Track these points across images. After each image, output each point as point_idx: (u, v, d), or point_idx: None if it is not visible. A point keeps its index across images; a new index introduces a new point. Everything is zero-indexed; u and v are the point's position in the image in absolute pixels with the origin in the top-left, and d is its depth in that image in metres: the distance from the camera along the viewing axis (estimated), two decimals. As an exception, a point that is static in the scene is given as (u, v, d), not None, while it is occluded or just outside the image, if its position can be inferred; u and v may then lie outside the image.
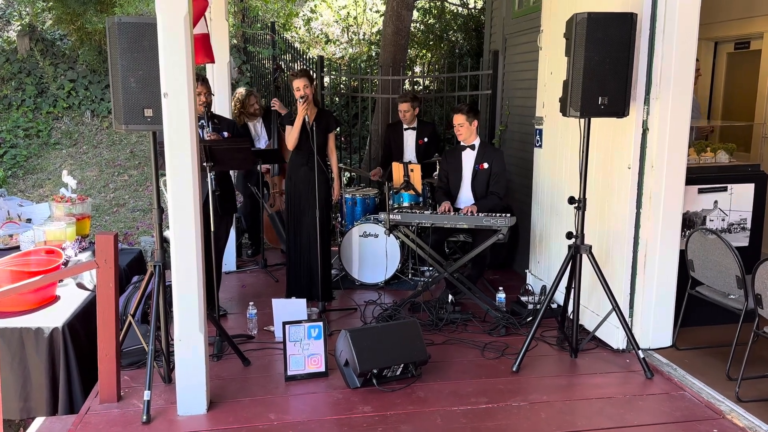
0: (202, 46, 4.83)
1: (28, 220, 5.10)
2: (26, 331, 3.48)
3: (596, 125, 3.86)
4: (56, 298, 3.92)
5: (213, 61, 5.05)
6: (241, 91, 6.04)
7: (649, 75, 3.71)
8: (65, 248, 4.33)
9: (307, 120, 4.52)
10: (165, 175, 3.06)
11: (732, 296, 3.64)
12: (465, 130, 4.75)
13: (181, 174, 3.02)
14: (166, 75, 2.93)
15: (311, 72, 5.23)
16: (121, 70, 3.00)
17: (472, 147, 4.81)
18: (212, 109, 4.52)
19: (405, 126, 5.95)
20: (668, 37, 3.65)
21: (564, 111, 3.62)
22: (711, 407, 3.28)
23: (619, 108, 3.53)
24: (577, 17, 3.44)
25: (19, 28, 10.06)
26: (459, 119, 4.73)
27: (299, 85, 4.50)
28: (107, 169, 8.98)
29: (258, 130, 6.09)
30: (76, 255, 4.38)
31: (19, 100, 9.49)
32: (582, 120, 3.63)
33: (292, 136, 4.58)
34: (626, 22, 3.45)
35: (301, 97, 4.47)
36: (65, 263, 4.19)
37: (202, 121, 4.26)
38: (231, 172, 4.91)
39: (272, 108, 5.95)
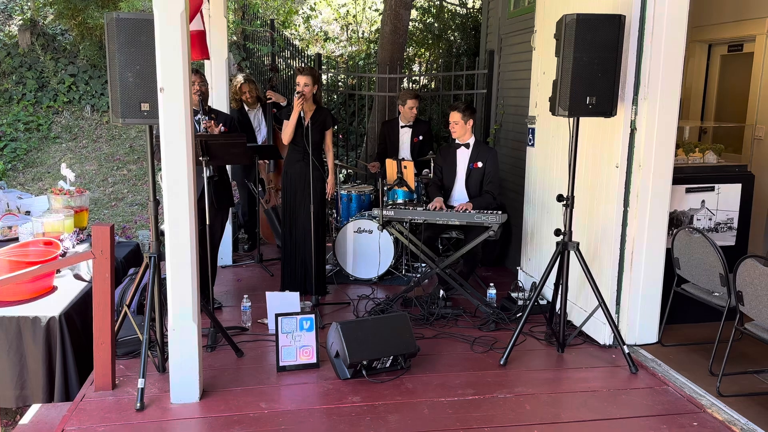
0: (198, 43, 4.89)
1: (27, 212, 5.17)
2: (24, 320, 3.55)
3: (586, 125, 3.94)
4: (53, 289, 3.99)
5: (208, 58, 5.10)
6: (240, 78, 6.13)
7: (637, 76, 3.78)
8: (63, 240, 4.40)
9: (302, 116, 4.58)
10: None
11: (716, 294, 3.71)
12: (459, 128, 4.81)
13: (176, 167, 3.08)
14: (163, 70, 3.00)
15: (317, 72, 5.25)
16: (118, 64, 3.07)
17: (467, 146, 4.88)
18: (209, 103, 4.57)
19: (402, 124, 6.02)
20: (656, 38, 3.72)
21: (553, 110, 3.69)
22: (693, 401, 3.36)
23: (606, 108, 3.60)
24: (567, 18, 3.51)
25: (21, 22, 10.12)
26: (454, 117, 4.80)
27: (299, 81, 4.57)
28: (106, 164, 9.05)
29: (259, 120, 6.15)
30: (73, 247, 4.45)
31: (19, 94, 9.56)
32: (571, 119, 3.70)
33: (286, 131, 4.66)
34: (614, 23, 3.52)
35: (297, 93, 4.54)
36: (63, 254, 4.26)
37: (199, 116, 4.31)
38: (227, 167, 4.97)
39: (269, 101, 6.00)
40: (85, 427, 3.05)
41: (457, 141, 4.91)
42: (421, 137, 5.96)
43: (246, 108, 6.07)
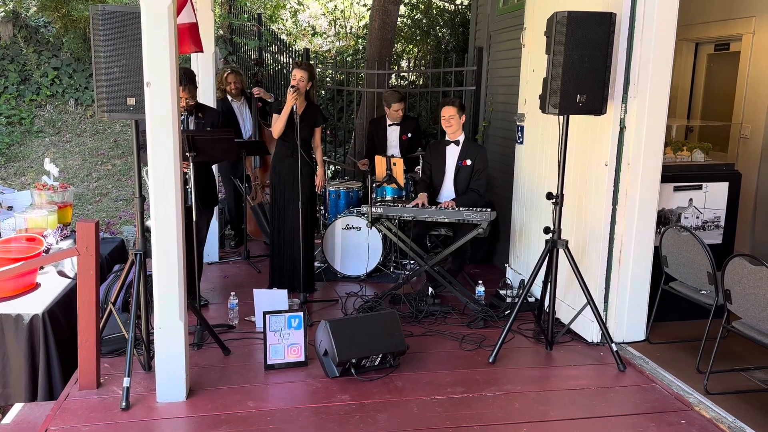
0: (190, 36, 4.79)
1: (10, 208, 5.08)
2: (6, 317, 3.49)
3: (575, 122, 3.93)
4: (37, 286, 3.93)
5: (201, 50, 5.02)
6: (227, 69, 6.12)
7: (627, 74, 3.78)
8: (46, 236, 4.33)
9: (295, 110, 4.54)
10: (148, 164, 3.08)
11: (703, 292, 3.73)
12: (455, 122, 4.80)
13: (163, 163, 3.04)
14: (149, 64, 2.94)
15: (315, 69, 5.21)
16: (104, 58, 3.02)
17: (457, 143, 4.86)
18: (197, 99, 4.50)
19: (390, 122, 5.99)
20: (646, 37, 3.72)
21: (543, 108, 3.68)
22: (680, 399, 3.37)
23: (596, 106, 3.60)
24: (557, 16, 3.50)
25: (3, 14, 9.95)
26: (450, 111, 4.78)
27: (296, 75, 4.55)
28: (90, 158, 8.93)
29: (243, 113, 6.10)
30: (57, 243, 4.39)
31: (1, 87, 9.40)
32: (560, 117, 3.69)
33: (278, 124, 4.61)
34: (605, 21, 3.51)
35: (292, 87, 4.49)
36: (46, 251, 4.19)
37: (183, 116, 4.23)
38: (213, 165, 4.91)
39: (255, 96, 5.95)
40: (69, 426, 3.01)
41: (447, 138, 4.89)
42: (409, 134, 5.94)
43: (230, 99, 6.01)
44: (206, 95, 5.47)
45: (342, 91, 8.06)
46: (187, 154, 3.90)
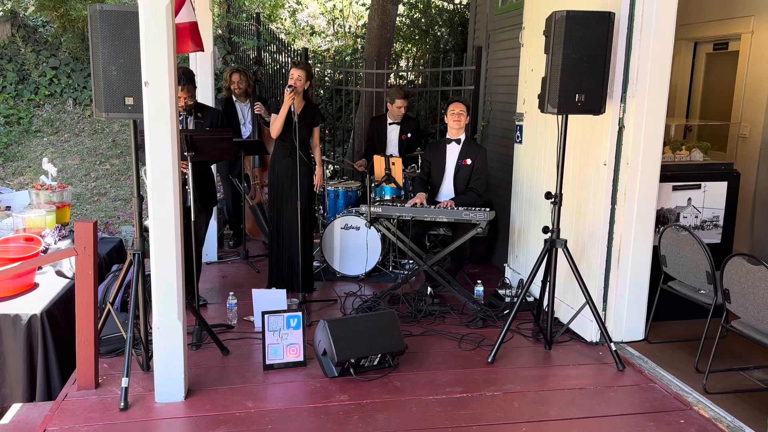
0: (191, 35, 4.77)
1: (8, 208, 5.07)
2: (4, 317, 3.48)
3: (574, 122, 3.93)
4: (35, 286, 3.92)
5: (202, 49, 5.00)
6: (231, 68, 6.14)
7: (626, 73, 3.78)
8: (45, 236, 4.32)
9: (292, 110, 4.53)
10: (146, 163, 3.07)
11: (702, 291, 3.73)
12: (464, 119, 4.81)
13: (162, 163, 3.03)
14: (148, 64, 2.94)
15: (312, 68, 5.19)
16: (102, 58, 3.01)
17: (458, 141, 4.86)
18: (196, 99, 4.49)
19: (390, 121, 5.98)
20: (645, 36, 3.72)
21: (542, 107, 3.68)
22: (679, 399, 3.37)
23: (595, 105, 3.60)
24: (556, 15, 3.49)
25: (1, 13, 9.93)
26: (460, 107, 4.79)
27: (293, 75, 4.54)
28: (89, 158, 8.92)
29: (245, 114, 6.09)
30: (55, 243, 4.38)
31: (-1, 86, 9.38)
32: (559, 116, 3.69)
33: (276, 124, 4.61)
34: (604, 20, 3.51)
35: (289, 86, 4.49)
36: (44, 251, 4.19)
37: (182, 116, 4.22)
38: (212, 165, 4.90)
39: (256, 112, 5.96)
40: (68, 427, 3.00)
41: (447, 136, 4.89)
42: (409, 134, 5.94)
43: (234, 99, 6.01)
44: (205, 95, 5.47)
45: (341, 91, 8.05)
46: (185, 153, 3.89)
